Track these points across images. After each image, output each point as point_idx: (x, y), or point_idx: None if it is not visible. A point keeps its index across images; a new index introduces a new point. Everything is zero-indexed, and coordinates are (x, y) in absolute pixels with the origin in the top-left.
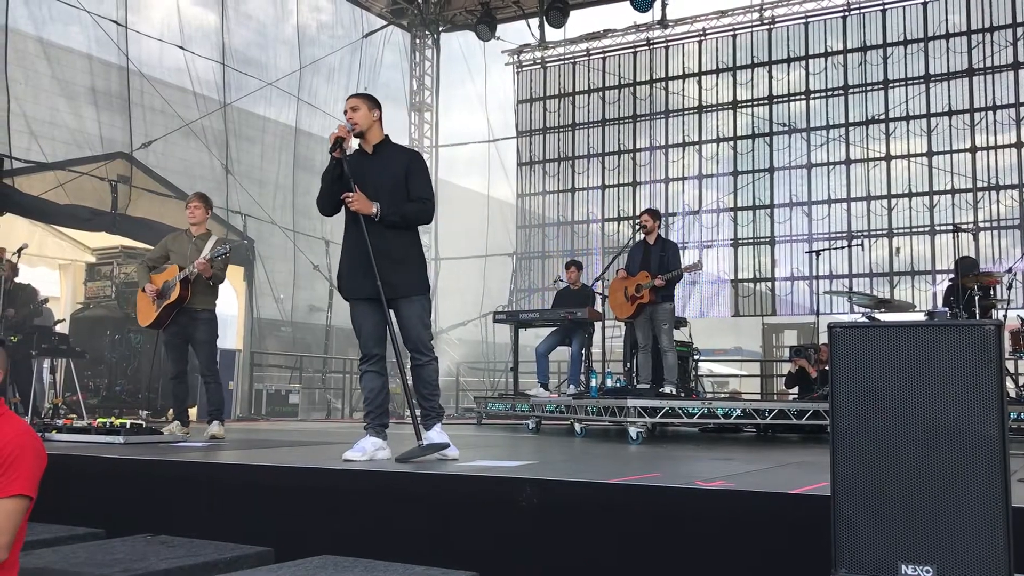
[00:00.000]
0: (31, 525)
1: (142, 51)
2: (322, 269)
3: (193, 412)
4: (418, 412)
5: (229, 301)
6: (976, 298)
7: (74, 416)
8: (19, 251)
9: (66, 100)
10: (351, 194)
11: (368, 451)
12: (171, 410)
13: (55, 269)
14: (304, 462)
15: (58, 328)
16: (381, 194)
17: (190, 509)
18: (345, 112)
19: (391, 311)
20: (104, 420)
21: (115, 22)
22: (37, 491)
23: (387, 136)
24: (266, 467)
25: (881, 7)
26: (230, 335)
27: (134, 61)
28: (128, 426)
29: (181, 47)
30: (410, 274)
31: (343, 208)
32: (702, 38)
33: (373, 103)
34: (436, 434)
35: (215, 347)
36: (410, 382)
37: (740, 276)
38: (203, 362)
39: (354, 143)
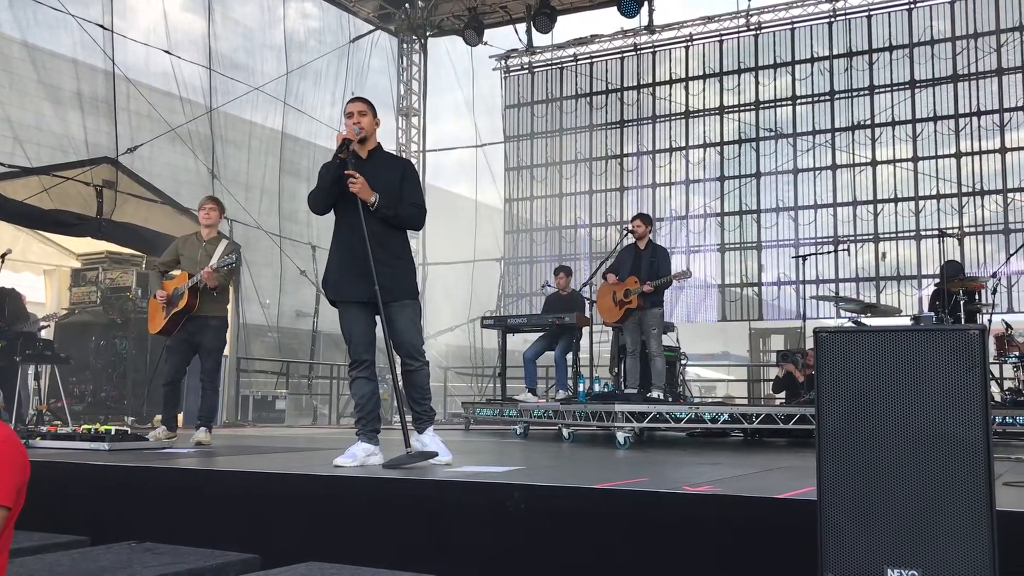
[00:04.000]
0: (13, 533)
1: (128, 56)
2: (308, 274)
3: (179, 418)
4: (409, 417)
5: None
6: (961, 303)
7: (59, 423)
8: (3, 256)
9: (51, 104)
10: (356, 176)
11: (359, 457)
12: (158, 415)
13: (40, 275)
14: (290, 468)
15: (43, 334)
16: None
17: (175, 516)
18: (351, 115)
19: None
20: (89, 426)
21: (101, 26)
22: (16, 500)
23: (380, 143)
24: (252, 473)
25: (867, 13)
26: None
27: (120, 66)
28: (113, 432)
29: (168, 52)
30: (403, 278)
31: (333, 209)
32: (689, 44)
33: (375, 111)
34: (429, 438)
35: (222, 354)
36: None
37: (727, 281)
38: (207, 368)
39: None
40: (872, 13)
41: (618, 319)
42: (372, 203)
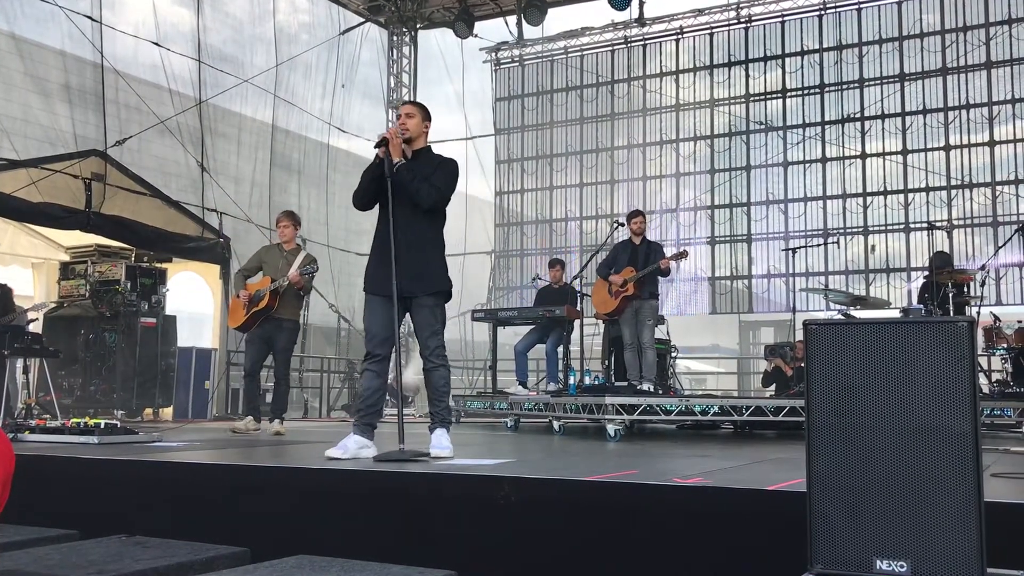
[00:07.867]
0: (2, 527)
1: (117, 48)
2: None
3: (168, 412)
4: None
5: (205, 300)
6: (950, 295)
7: (48, 416)
8: None
9: (39, 97)
10: (392, 135)
11: (351, 449)
12: (148, 408)
13: (28, 268)
14: (280, 461)
15: (31, 327)
16: None
17: (165, 509)
18: (399, 117)
19: (407, 311)
20: (78, 420)
21: (90, 18)
22: (1, 492)
23: (430, 146)
24: (242, 466)
25: (856, 6)
26: (206, 334)
27: (109, 58)
28: (102, 426)
29: (157, 44)
30: (427, 276)
31: (377, 204)
32: (679, 36)
33: (426, 115)
34: (436, 438)
35: (291, 354)
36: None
37: (717, 274)
38: (280, 367)
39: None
40: (862, 6)
41: (613, 309)
42: (397, 161)
